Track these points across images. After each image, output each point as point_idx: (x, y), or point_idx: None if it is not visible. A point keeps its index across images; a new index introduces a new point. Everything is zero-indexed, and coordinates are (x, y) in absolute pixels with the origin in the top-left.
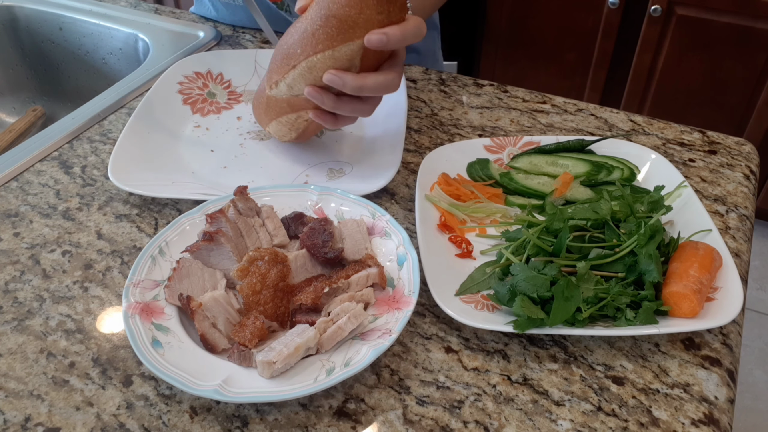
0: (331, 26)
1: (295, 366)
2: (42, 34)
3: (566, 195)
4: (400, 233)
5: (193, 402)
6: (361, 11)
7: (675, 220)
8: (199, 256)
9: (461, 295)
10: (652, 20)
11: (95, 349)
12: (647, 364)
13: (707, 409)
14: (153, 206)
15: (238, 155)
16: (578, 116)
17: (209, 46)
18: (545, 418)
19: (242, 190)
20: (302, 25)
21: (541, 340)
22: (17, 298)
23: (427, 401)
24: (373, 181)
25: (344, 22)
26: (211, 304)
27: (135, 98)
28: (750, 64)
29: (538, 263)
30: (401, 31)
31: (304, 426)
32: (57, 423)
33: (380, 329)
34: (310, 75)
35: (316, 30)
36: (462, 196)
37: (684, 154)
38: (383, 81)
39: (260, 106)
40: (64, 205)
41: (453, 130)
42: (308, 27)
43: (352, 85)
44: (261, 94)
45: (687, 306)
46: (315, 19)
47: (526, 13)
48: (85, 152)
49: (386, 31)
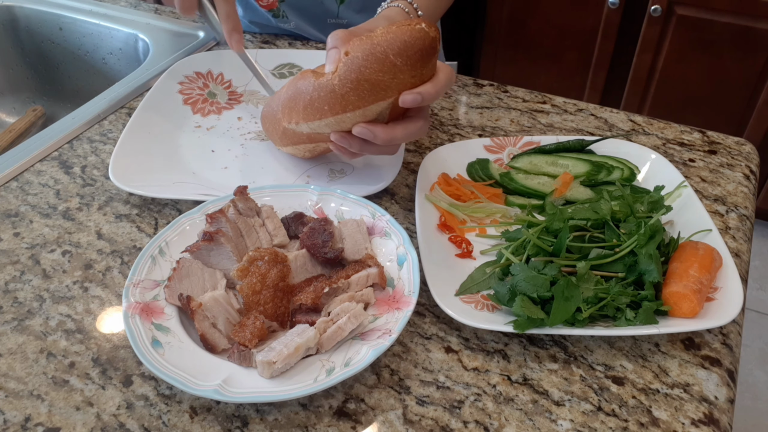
0: (362, 89)
1: (295, 366)
2: (42, 34)
3: (566, 195)
4: (400, 233)
5: (193, 402)
6: (394, 76)
7: (675, 220)
8: (199, 256)
9: (461, 295)
10: (652, 20)
11: (95, 349)
12: (647, 364)
13: (707, 409)
14: (153, 206)
15: (238, 155)
16: (578, 116)
17: (209, 47)
18: (545, 418)
19: (242, 190)
20: (329, 84)
21: (541, 340)
22: (17, 298)
23: (427, 401)
24: (373, 182)
25: (376, 86)
26: (211, 304)
27: (135, 98)
28: (750, 64)
29: (538, 263)
30: (435, 88)
31: (304, 426)
32: (57, 423)
33: (380, 329)
34: (337, 126)
35: (346, 92)
36: (462, 196)
37: (684, 154)
38: (413, 130)
39: (274, 131)
40: (64, 205)
41: (453, 130)
42: (337, 88)
43: (383, 137)
44: (275, 121)
45: (687, 306)
46: (345, 82)
47: (526, 13)
48: (85, 152)
49: (420, 91)
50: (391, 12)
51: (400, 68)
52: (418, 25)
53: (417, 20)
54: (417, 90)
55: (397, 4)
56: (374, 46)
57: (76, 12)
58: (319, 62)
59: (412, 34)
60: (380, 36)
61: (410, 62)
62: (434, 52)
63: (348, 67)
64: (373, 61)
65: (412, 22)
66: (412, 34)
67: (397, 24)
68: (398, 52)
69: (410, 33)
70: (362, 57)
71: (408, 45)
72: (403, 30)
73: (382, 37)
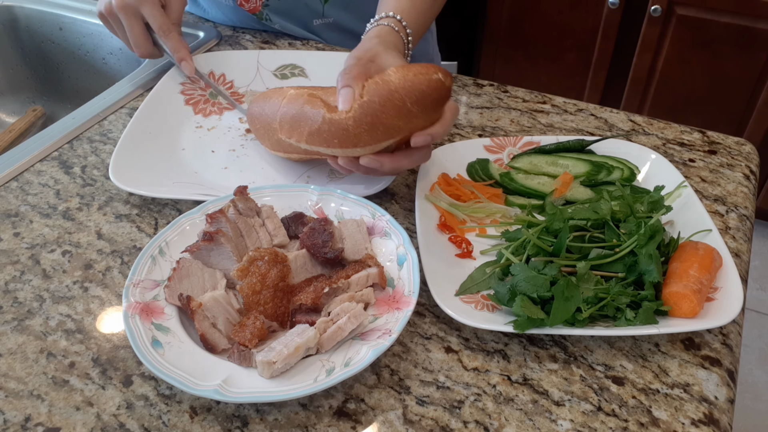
0: (376, 131)
1: (295, 366)
2: (42, 34)
3: (566, 195)
4: (400, 233)
5: (193, 402)
6: (409, 121)
7: (675, 220)
8: (199, 256)
9: (461, 295)
10: (652, 20)
11: (95, 349)
12: (647, 364)
13: (707, 409)
14: (153, 206)
15: (239, 156)
16: (578, 116)
17: (209, 47)
18: (545, 418)
19: (242, 190)
20: (343, 123)
21: (541, 340)
22: (17, 298)
23: (427, 401)
24: (373, 182)
25: (391, 129)
26: (211, 304)
27: (135, 98)
28: (750, 64)
29: (538, 263)
30: (443, 128)
31: (304, 426)
32: (57, 423)
33: (380, 329)
34: (342, 154)
35: (359, 133)
36: (462, 196)
37: (684, 154)
38: (417, 158)
39: (266, 136)
40: (64, 205)
41: (453, 130)
42: (351, 129)
43: (390, 168)
44: (269, 129)
45: (687, 306)
46: (360, 123)
47: (526, 13)
48: (85, 152)
49: (431, 132)
50: (381, 31)
51: (415, 114)
52: (435, 74)
53: (434, 68)
54: (428, 132)
55: (386, 22)
56: (392, 93)
57: (76, 12)
58: (320, 64)
59: (429, 84)
60: (397, 83)
61: (426, 110)
62: (448, 99)
63: (364, 111)
64: (390, 107)
65: (430, 70)
66: (430, 85)
67: (414, 71)
68: (416, 101)
69: (428, 83)
70: (379, 102)
71: (425, 95)
72: (420, 80)
73: (399, 84)
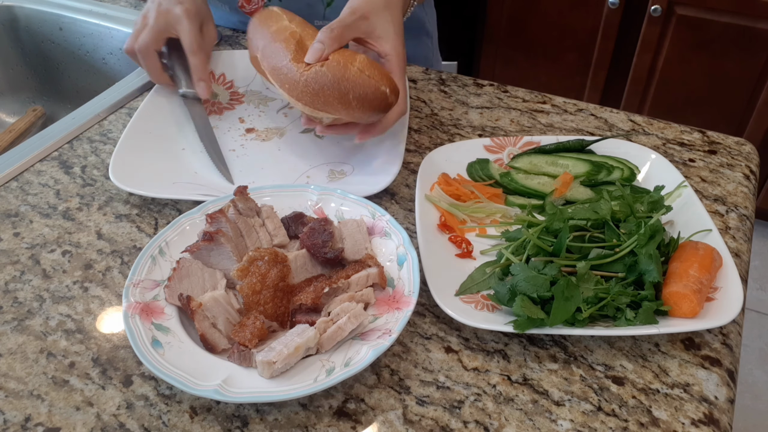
0: (317, 100)
1: (295, 366)
2: (42, 34)
3: (566, 195)
4: (400, 233)
5: (193, 402)
6: (347, 109)
7: (675, 220)
8: (199, 256)
9: (461, 295)
10: (652, 20)
11: (95, 349)
12: (647, 364)
13: (707, 409)
14: (153, 206)
15: (239, 156)
16: (578, 116)
17: None
18: (545, 418)
19: (242, 190)
20: (296, 75)
21: (541, 340)
22: (17, 298)
23: (427, 401)
24: (373, 183)
25: (329, 105)
26: (211, 304)
27: (135, 98)
28: (750, 64)
29: (538, 263)
30: (378, 131)
31: (304, 426)
32: (57, 423)
33: (380, 329)
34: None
35: (304, 93)
36: (462, 196)
37: (684, 154)
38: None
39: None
40: (64, 205)
41: (453, 130)
42: (300, 84)
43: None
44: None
45: (687, 306)
46: (307, 85)
47: (526, 13)
48: (85, 152)
49: (369, 132)
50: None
51: (354, 107)
52: (384, 87)
53: (388, 81)
54: (368, 132)
55: None
56: (343, 79)
57: (76, 12)
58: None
59: (374, 92)
60: (352, 74)
61: (364, 109)
62: (386, 111)
63: (315, 78)
64: (336, 90)
65: (383, 80)
66: (375, 93)
67: (372, 72)
68: (358, 97)
69: (374, 90)
70: (330, 79)
71: (367, 98)
72: (370, 83)
73: (353, 76)
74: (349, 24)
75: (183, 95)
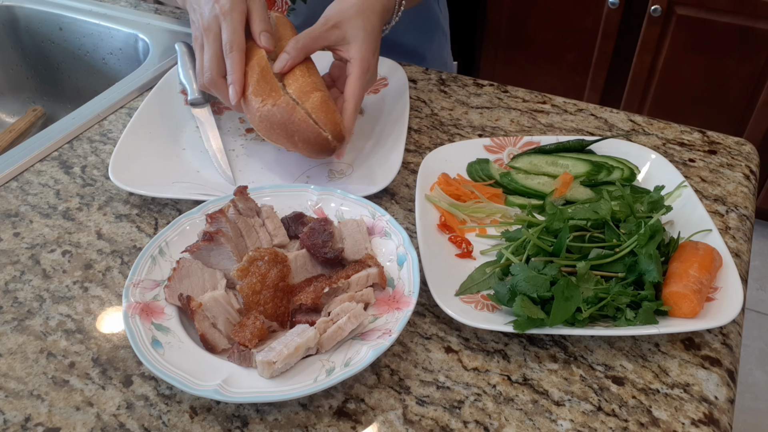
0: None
1: (295, 366)
2: (42, 34)
3: (566, 195)
4: (400, 233)
5: (193, 402)
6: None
7: (675, 220)
8: (199, 256)
9: (461, 295)
10: (652, 20)
11: (95, 349)
12: (647, 364)
13: (707, 409)
14: (153, 206)
15: (239, 156)
16: (578, 116)
17: None
18: (545, 418)
19: (242, 190)
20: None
21: (541, 340)
22: (17, 298)
23: (427, 401)
24: (373, 183)
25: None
26: (211, 304)
27: (135, 98)
28: (750, 64)
29: (538, 263)
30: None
31: (304, 426)
32: (57, 423)
33: (380, 329)
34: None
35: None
36: (462, 196)
37: (684, 154)
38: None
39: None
40: (64, 205)
41: (453, 130)
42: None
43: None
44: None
45: (687, 306)
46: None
47: (526, 13)
48: (85, 152)
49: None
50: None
51: (300, 147)
52: (325, 133)
53: (333, 126)
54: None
55: None
56: (290, 122)
57: (76, 12)
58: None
59: (317, 138)
60: (301, 116)
61: (308, 150)
62: (331, 153)
63: (267, 116)
64: (283, 129)
65: (329, 125)
66: (317, 138)
67: (318, 115)
68: (302, 139)
69: (316, 136)
70: (279, 119)
71: (310, 141)
72: (313, 129)
73: (301, 119)
74: (318, 35)
75: (192, 103)
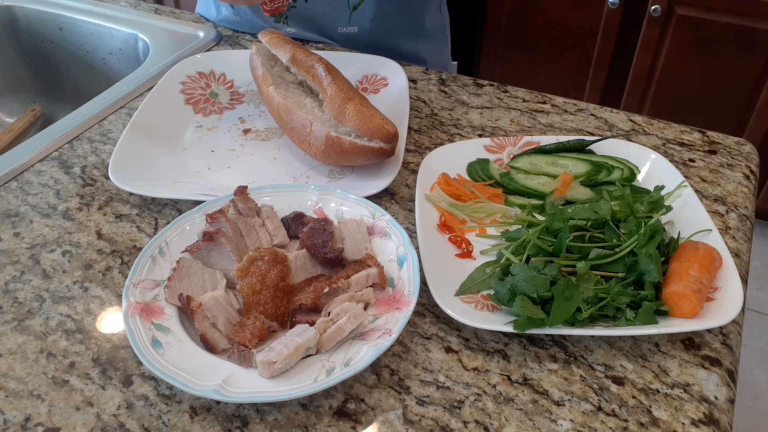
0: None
1: (295, 366)
2: (42, 34)
3: (566, 195)
4: (400, 233)
5: (193, 402)
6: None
7: (675, 220)
8: (199, 256)
9: (461, 295)
10: (652, 20)
11: (95, 349)
12: (647, 364)
13: (707, 409)
14: (153, 206)
15: (239, 156)
16: (578, 116)
17: (209, 47)
18: (545, 418)
19: (242, 190)
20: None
21: (541, 340)
22: (17, 298)
23: (427, 401)
24: (373, 182)
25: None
26: (211, 304)
27: (135, 98)
28: (750, 64)
29: (538, 263)
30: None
31: (304, 426)
32: (57, 423)
33: (380, 329)
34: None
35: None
36: (462, 196)
37: (684, 154)
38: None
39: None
40: (64, 205)
41: (453, 130)
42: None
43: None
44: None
45: (687, 306)
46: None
47: (526, 13)
48: (85, 152)
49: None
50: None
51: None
52: (375, 144)
53: (377, 131)
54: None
55: None
56: (343, 147)
57: (76, 12)
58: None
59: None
60: (347, 142)
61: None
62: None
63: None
64: (342, 155)
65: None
66: (374, 153)
67: (361, 129)
68: (365, 159)
69: (372, 152)
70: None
71: (370, 158)
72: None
73: (350, 146)
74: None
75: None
